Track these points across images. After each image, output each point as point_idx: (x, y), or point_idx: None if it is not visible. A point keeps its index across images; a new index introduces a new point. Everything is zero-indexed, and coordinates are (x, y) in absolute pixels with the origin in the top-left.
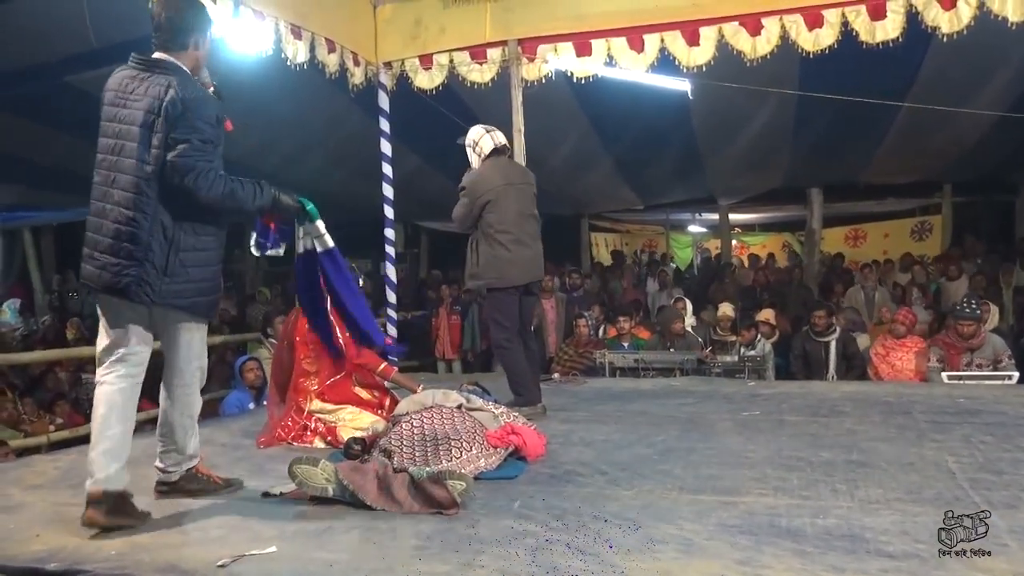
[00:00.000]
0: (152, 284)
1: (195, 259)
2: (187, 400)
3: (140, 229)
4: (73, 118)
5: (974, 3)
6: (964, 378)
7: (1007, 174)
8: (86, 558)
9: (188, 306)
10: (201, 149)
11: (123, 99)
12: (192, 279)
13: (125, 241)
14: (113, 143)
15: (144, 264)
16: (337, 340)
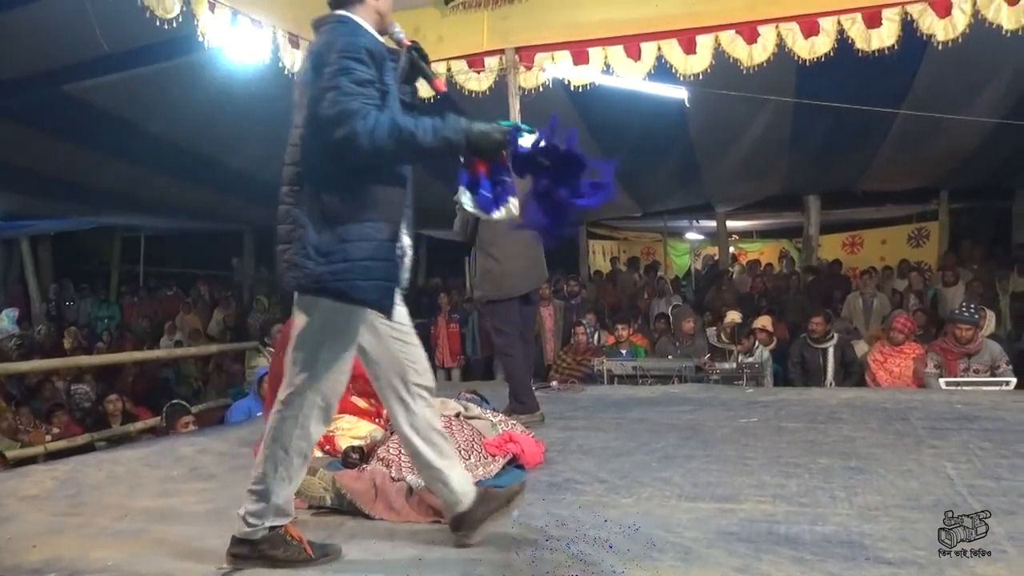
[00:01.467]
0: (306, 267)
1: (356, 233)
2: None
3: (296, 204)
4: (72, 128)
5: (969, 11)
6: (962, 384)
7: (1003, 180)
8: (83, 568)
9: (346, 290)
10: (353, 92)
11: (301, 72)
12: (351, 257)
13: (285, 222)
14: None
15: (297, 244)
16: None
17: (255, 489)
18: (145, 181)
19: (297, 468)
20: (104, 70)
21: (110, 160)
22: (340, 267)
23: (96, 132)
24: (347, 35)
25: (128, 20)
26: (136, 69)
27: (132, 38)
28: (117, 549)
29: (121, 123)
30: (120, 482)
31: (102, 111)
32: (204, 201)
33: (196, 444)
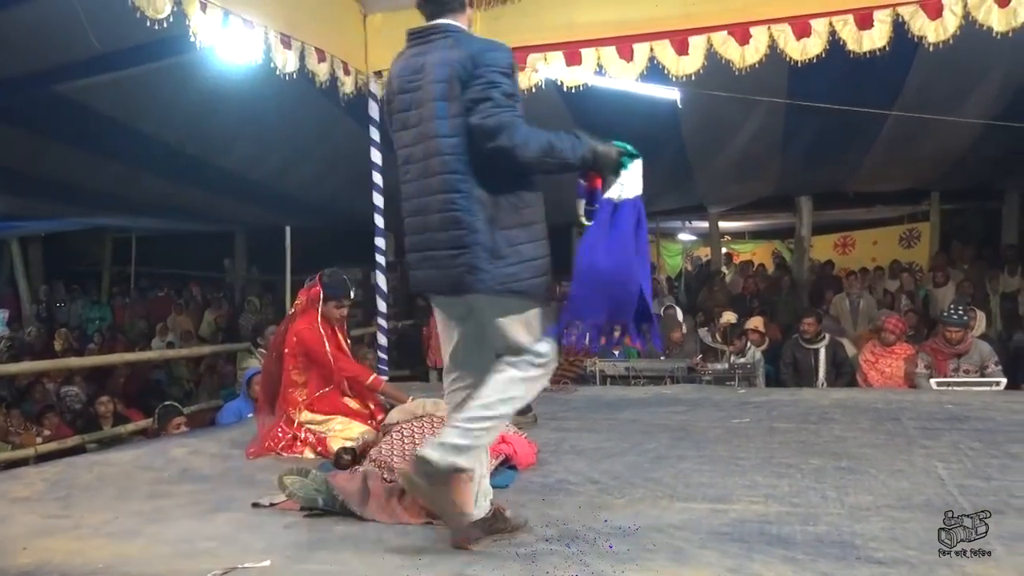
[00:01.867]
0: (485, 269)
1: (523, 235)
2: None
3: (462, 210)
4: (63, 128)
5: (960, 13)
6: (952, 384)
7: (994, 182)
8: (74, 570)
9: (526, 289)
10: (504, 103)
11: (412, 82)
12: (525, 258)
13: (451, 228)
14: (414, 132)
15: (473, 248)
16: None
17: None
18: (136, 182)
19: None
20: (94, 70)
21: (100, 161)
22: (518, 267)
23: (86, 132)
24: (490, 49)
25: (118, 20)
26: (127, 69)
27: (122, 38)
28: (108, 551)
29: (112, 123)
30: (111, 484)
31: (92, 111)
32: (195, 202)
33: (188, 445)
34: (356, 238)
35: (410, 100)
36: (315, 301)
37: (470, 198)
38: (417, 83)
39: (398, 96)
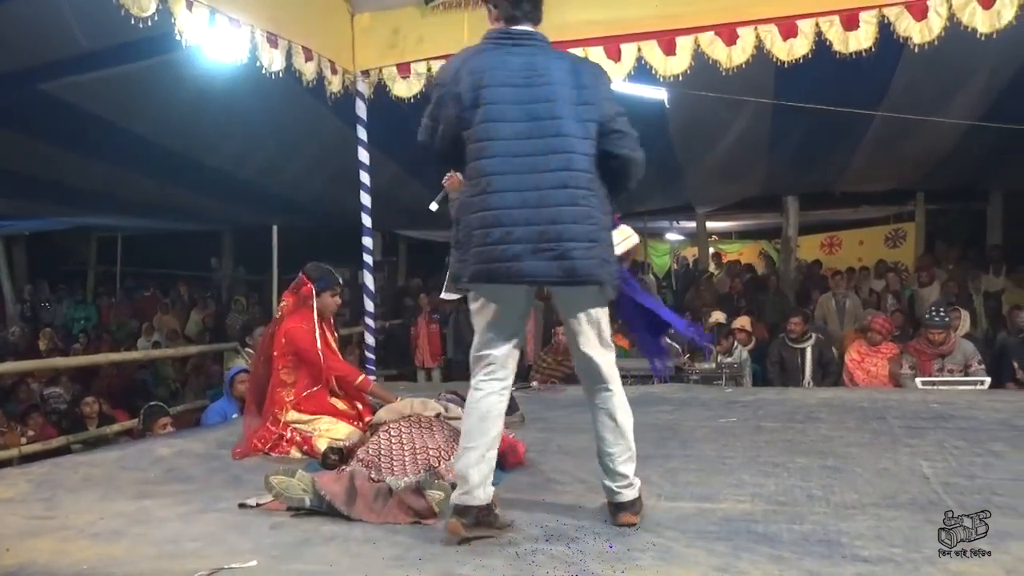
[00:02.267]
0: (612, 263)
1: (609, 237)
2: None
3: (593, 208)
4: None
5: (944, 14)
6: (937, 383)
7: (978, 182)
8: (58, 572)
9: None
10: (633, 135)
11: (528, 78)
12: (611, 258)
13: (586, 223)
14: (525, 126)
15: (604, 243)
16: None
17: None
18: (122, 181)
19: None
20: (79, 68)
21: (86, 159)
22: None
23: (71, 130)
24: (604, 73)
25: (103, 18)
26: (112, 68)
27: (107, 36)
28: (93, 551)
29: (97, 122)
30: (96, 484)
31: (77, 109)
32: (181, 201)
33: (173, 446)
34: (343, 237)
35: (520, 95)
36: (307, 299)
37: (599, 197)
38: (531, 81)
39: (495, 88)
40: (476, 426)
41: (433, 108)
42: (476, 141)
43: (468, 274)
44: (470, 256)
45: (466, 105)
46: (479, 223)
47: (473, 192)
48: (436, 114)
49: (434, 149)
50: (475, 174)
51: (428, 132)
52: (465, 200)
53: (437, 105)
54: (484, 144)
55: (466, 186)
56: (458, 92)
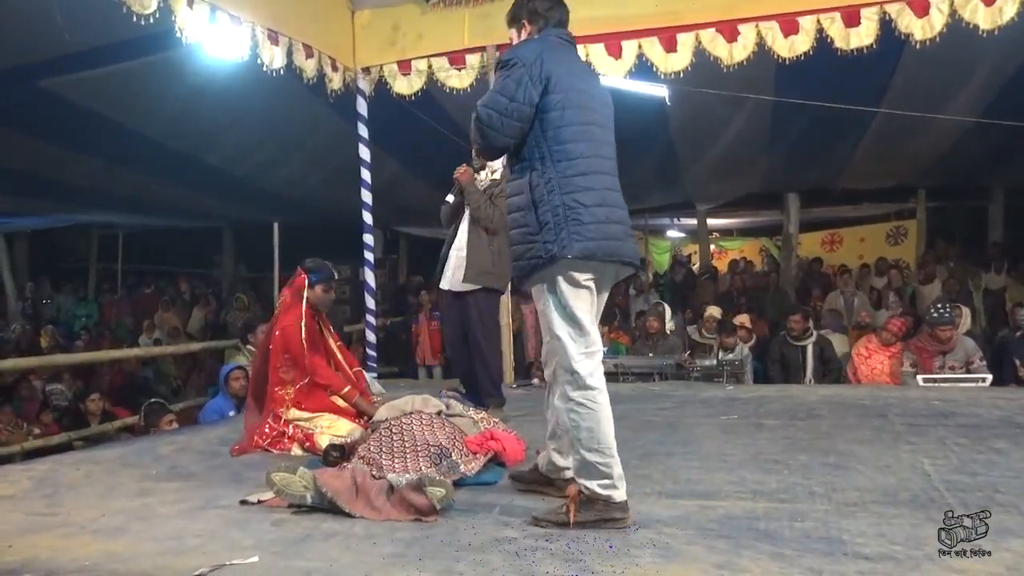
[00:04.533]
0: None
1: None
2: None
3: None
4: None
5: (946, 11)
6: (939, 381)
7: (980, 179)
8: (59, 568)
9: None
10: None
11: (599, 93)
12: None
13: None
14: (605, 131)
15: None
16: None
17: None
18: (122, 178)
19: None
20: (80, 66)
21: (87, 157)
22: None
23: (72, 128)
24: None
25: (104, 15)
26: (113, 65)
27: (109, 33)
28: (95, 548)
29: (98, 119)
30: (98, 481)
31: (78, 107)
32: (183, 198)
33: (175, 443)
34: (344, 235)
35: (598, 104)
36: (300, 291)
37: None
38: (600, 97)
39: (583, 91)
40: (609, 429)
41: (510, 85)
42: (566, 124)
43: (578, 251)
44: (580, 232)
45: (550, 88)
46: (591, 200)
47: (571, 172)
48: (514, 92)
49: (498, 130)
50: (564, 156)
51: (500, 108)
52: (559, 179)
53: (517, 83)
54: (577, 128)
55: (552, 167)
56: (540, 74)
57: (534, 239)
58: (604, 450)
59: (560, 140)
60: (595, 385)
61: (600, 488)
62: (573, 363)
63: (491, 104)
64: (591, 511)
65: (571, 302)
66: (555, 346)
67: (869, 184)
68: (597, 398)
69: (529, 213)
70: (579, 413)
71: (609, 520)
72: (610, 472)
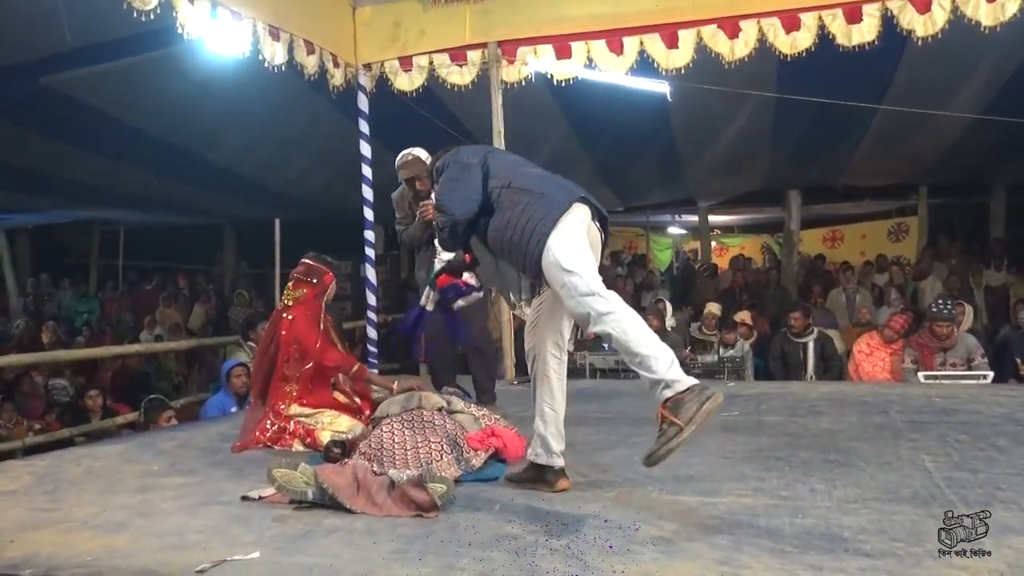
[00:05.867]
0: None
1: None
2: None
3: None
4: (50, 121)
5: (948, 7)
6: (940, 378)
7: (981, 176)
8: (61, 564)
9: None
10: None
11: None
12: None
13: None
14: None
15: None
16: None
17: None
18: (123, 175)
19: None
20: (81, 62)
21: (87, 153)
22: None
23: (73, 125)
24: None
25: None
26: (114, 61)
27: (109, 30)
28: (96, 544)
29: (98, 116)
30: (99, 477)
31: (79, 104)
32: (183, 195)
33: (176, 439)
34: (345, 231)
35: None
36: (327, 287)
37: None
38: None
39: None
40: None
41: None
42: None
43: (566, 200)
44: (557, 194)
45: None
46: (551, 179)
47: (523, 177)
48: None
49: (467, 205)
50: (513, 181)
51: (462, 199)
52: (523, 183)
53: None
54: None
55: (515, 183)
56: (475, 155)
57: (539, 201)
58: (652, 343)
59: (511, 168)
60: (613, 296)
61: (670, 372)
62: (593, 284)
63: (444, 192)
64: (688, 405)
65: (580, 237)
66: (571, 281)
67: (871, 181)
68: (620, 305)
69: (522, 198)
70: (619, 320)
71: (707, 400)
72: (669, 357)
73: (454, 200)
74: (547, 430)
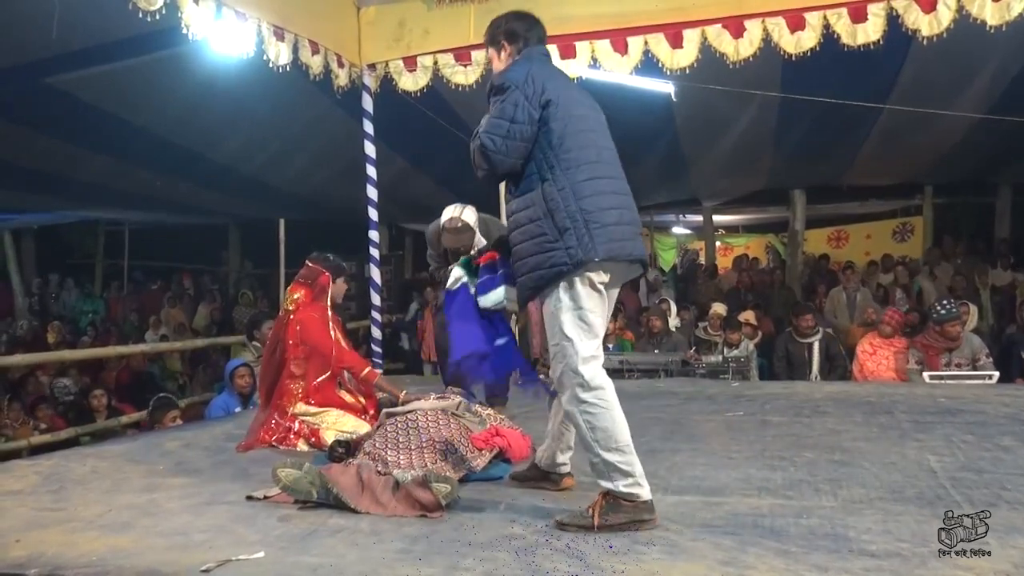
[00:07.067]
0: None
1: None
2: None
3: None
4: (55, 121)
5: (953, 7)
6: (945, 378)
7: (987, 176)
8: (66, 563)
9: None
10: None
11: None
12: None
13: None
14: (605, 140)
15: None
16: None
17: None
18: (128, 175)
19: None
20: (87, 63)
21: (93, 153)
22: None
23: (78, 125)
24: None
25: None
26: (119, 62)
27: (115, 30)
28: (102, 543)
29: (103, 116)
30: (104, 477)
31: (84, 104)
32: (188, 195)
33: (181, 439)
34: (349, 231)
35: (590, 111)
36: (325, 288)
37: None
38: (590, 104)
39: (577, 101)
40: (623, 426)
41: (508, 108)
42: (569, 134)
43: (603, 253)
44: (601, 234)
45: (546, 103)
46: (605, 204)
47: (581, 177)
48: (513, 114)
49: (504, 153)
50: (572, 163)
51: (502, 132)
52: (572, 185)
53: (515, 105)
54: (579, 136)
55: (563, 175)
56: (535, 92)
57: (554, 246)
58: (623, 448)
59: (566, 149)
60: (603, 384)
61: (626, 487)
62: (581, 365)
63: (492, 130)
64: (619, 513)
65: (585, 304)
66: (564, 347)
67: (875, 181)
68: (607, 396)
69: (546, 221)
70: (593, 414)
71: (638, 522)
72: (632, 470)
73: (499, 150)
74: (557, 446)
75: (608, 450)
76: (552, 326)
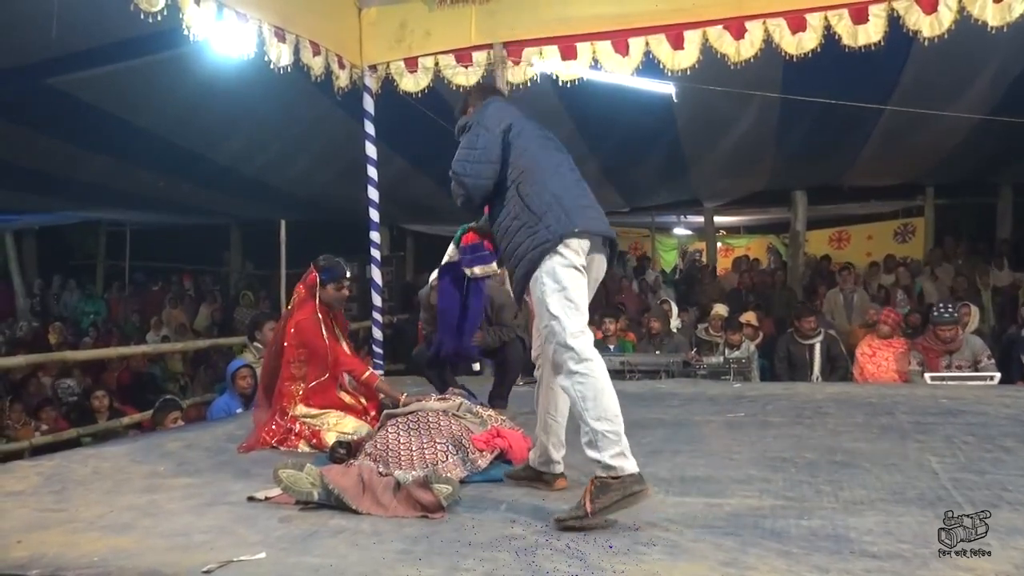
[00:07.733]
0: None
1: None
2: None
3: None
4: (57, 121)
5: (954, 7)
6: (947, 379)
7: (988, 177)
8: (68, 564)
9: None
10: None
11: (532, 120)
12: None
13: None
14: (558, 145)
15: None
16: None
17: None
18: (130, 176)
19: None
20: (88, 64)
21: (94, 154)
22: None
23: (79, 126)
24: None
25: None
26: (121, 63)
27: (116, 31)
28: (103, 544)
29: (105, 117)
30: (106, 477)
31: (86, 105)
32: (190, 195)
33: (183, 439)
34: (351, 232)
35: (552, 141)
36: (312, 288)
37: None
38: (546, 130)
39: (533, 124)
40: (612, 397)
41: (472, 139)
42: (531, 148)
43: (579, 225)
44: (573, 210)
45: (507, 128)
46: (572, 191)
47: (548, 175)
48: (475, 143)
49: (474, 175)
50: (538, 166)
51: (470, 159)
52: (543, 181)
53: (477, 136)
54: (541, 147)
55: (531, 175)
56: (497, 121)
57: (536, 227)
58: (612, 417)
59: (531, 158)
60: (592, 357)
61: (613, 459)
62: (570, 339)
63: (460, 158)
64: (610, 493)
65: (568, 284)
66: (552, 326)
67: (877, 182)
68: (595, 368)
69: (525, 213)
70: (584, 384)
71: (630, 495)
72: (619, 440)
73: (469, 174)
74: (549, 440)
75: (598, 419)
76: (540, 310)
